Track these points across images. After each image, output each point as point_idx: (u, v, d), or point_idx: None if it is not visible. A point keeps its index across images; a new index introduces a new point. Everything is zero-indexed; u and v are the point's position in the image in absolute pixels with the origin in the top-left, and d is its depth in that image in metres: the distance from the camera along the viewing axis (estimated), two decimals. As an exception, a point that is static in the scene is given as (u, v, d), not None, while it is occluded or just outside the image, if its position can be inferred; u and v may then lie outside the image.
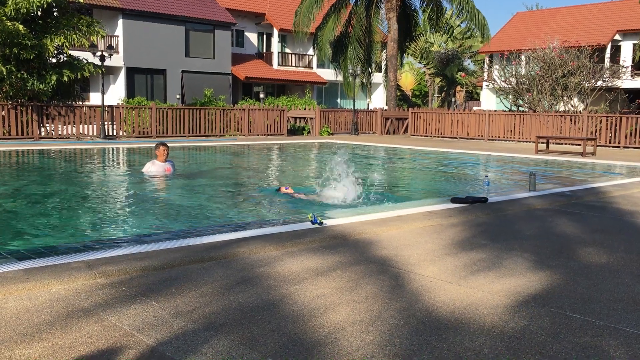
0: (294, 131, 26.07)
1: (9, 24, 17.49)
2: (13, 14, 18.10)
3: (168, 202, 8.51)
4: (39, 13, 19.75)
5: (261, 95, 34.13)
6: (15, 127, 18.79)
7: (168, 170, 10.42)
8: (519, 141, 22.67)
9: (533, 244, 5.47)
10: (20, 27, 17.80)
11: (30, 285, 3.83)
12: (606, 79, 24.51)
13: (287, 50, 40.90)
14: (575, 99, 24.34)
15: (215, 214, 7.49)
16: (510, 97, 25.59)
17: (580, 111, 23.02)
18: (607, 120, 20.76)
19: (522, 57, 26.56)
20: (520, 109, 25.61)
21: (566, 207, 7.64)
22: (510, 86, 25.29)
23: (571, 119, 21.44)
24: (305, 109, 27.30)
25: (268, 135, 24.34)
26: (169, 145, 10.75)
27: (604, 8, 38.51)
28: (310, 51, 40.04)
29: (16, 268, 4.15)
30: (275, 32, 39.43)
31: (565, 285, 4.22)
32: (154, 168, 10.39)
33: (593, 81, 23.69)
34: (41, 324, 3.28)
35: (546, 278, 4.38)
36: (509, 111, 24.90)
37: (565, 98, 23.79)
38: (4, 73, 18.10)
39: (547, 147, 19.28)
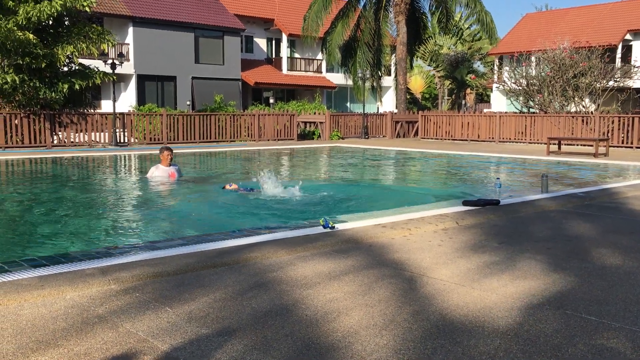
0: (304, 136, 26.10)
1: (19, 33, 17.67)
2: (24, 23, 18.29)
3: (178, 207, 8.53)
4: (50, 22, 19.95)
5: (271, 101, 34.21)
6: (28, 136, 18.96)
7: (172, 175, 10.39)
8: (530, 143, 22.55)
9: (546, 246, 5.43)
10: (31, 36, 17.97)
11: (45, 292, 3.85)
12: (617, 79, 24.35)
13: (296, 55, 41.00)
14: (587, 100, 24.19)
15: (224, 219, 7.50)
16: (521, 98, 25.46)
17: (591, 112, 22.89)
18: (619, 121, 20.61)
19: (532, 59, 26.44)
20: (531, 110, 25.49)
21: (579, 208, 7.59)
22: (520, 88, 25.18)
23: (583, 120, 21.31)
24: (315, 113, 27.33)
25: (278, 140, 24.38)
26: (173, 149, 10.75)
27: (614, 8, 38.27)
28: (320, 56, 40.11)
29: (31, 275, 4.18)
30: (284, 37, 39.55)
31: (580, 287, 4.19)
32: (158, 172, 10.40)
33: (604, 81, 23.54)
34: (56, 330, 3.30)
35: (560, 280, 4.35)
36: (520, 113, 24.78)
37: (576, 99, 23.66)
38: (17, 82, 18.28)
39: (559, 148, 19.16)
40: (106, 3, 29.81)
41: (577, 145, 20.55)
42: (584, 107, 23.77)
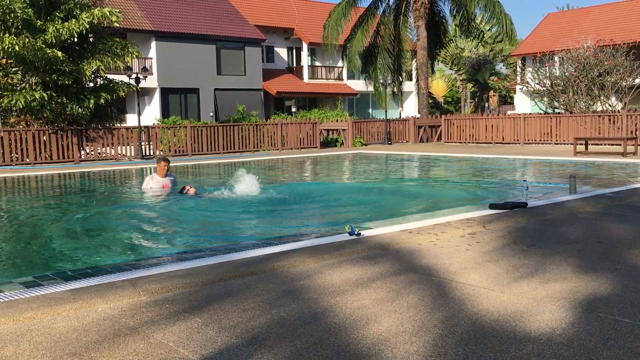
0: (327, 143, 26.13)
1: (48, 51, 18.04)
2: (53, 41, 18.67)
3: (200, 218, 8.56)
4: (75, 39, 20.34)
5: (293, 109, 34.36)
6: (57, 151, 19.31)
7: (166, 186, 10.41)
8: (556, 144, 22.26)
9: (577, 248, 5.35)
10: (59, 53, 18.34)
11: (78, 305, 3.91)
12: (644, 77, 23.95)
13: (317, 63, 41.12)
14: (613, 98, 23.81)
15: (249, 228, 7.53)
16: (545, 99, 25.17)
17: (618, 110, 22.51)
18: (647, 119, 20.24)
19: (556, 59, 26.14)
20: (556, 110, 25.17)
21: (609, 208, 7.46)
22: (544, 88, 24.89)
23: (610, 119, 20.97)
24: (337, 120, 27.36)
25: (301, 148, 24.45)
26: (170, 160, 10.93)
27: (637, 5, 37.65)
28: (340, 63, 40.19)
29: (63, 289, 4.24)
30: (305, 46, 39.71)
31: (613, 289, 4.12)
32: (153, 183, 10.46)
33: (630, 79, 23.17)
34: (89, 343, 3.35)
35: (593, 282, 4.28)
36: (545, 113, 24.49)
37: (602, 98, 23.31)
38: (45, 99, 18.65)
39: (586, 148, 18.87)
40: (129, 19, 30.28)
41: (605, 144, 20.22)
42: (610, 106, 23.40)
